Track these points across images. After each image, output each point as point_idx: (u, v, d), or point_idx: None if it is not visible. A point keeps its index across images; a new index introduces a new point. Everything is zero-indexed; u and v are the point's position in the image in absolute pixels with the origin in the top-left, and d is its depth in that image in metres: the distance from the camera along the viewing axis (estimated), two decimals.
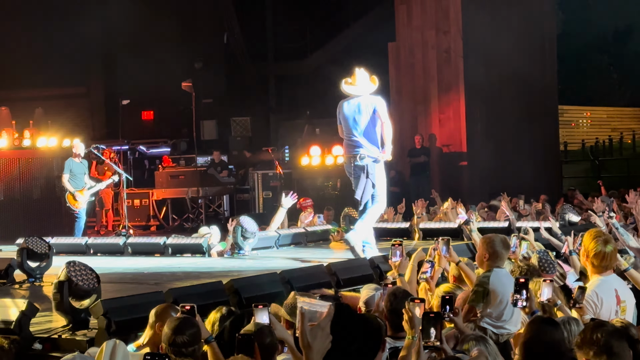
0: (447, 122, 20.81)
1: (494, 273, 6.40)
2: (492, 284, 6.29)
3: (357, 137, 9.94)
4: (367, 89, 10.07)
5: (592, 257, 6.20)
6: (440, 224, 12.33)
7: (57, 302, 6.38)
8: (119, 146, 21.40)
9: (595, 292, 6.09)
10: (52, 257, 9.21)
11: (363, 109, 9.96)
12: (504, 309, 6.24)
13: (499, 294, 6.25)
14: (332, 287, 7.97)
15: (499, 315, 6.25)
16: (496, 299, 6.25)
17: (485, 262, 6.55)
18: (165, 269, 9.97)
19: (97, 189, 14.91)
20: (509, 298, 5.95)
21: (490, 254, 6.52)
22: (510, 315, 6.25)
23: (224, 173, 20.48)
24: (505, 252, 6.63)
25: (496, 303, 6.25)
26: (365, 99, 10.01)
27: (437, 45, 20.93)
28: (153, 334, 5.46)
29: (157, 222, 19.52)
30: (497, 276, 6.37)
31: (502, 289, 6.26)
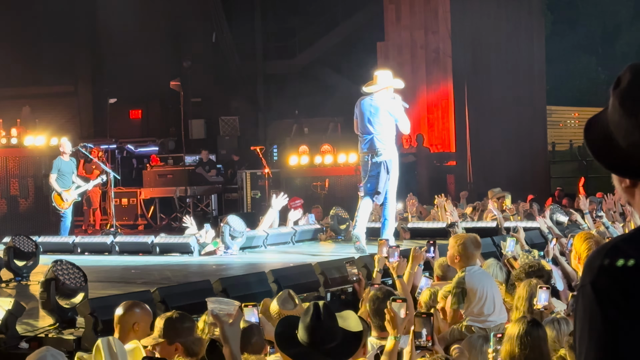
0: (435, 122, 20.84)
1: (468, 272, 6.48)
2: (468, 283, 6.38)
3: (373, 134, 10.06)
4: (385, 86, 10.07)
5: (584, 259, 6.21)
6: (429, 223, 12.33)
7: (43, 301, 6.34)
8: (106, 145, 21.31)
9: None
10: (39, 256, 9.17)
11: (380, 107, 10.06)
12: (484, 304, 6.32)
13: (477, 291, 6.34)
14: (320, 286, 7.97)
15: (480, 312, 6.33)
16: (475, 296, 6.34)
17: (457, 262, 6.67)
18: (153, 268, 9.94)
19: (85, 188, 14.83)
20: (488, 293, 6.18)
21: (460, 255, 6.63)
22: (492, 308, 6.32)
23: (212, 172, 20.44)
24: (476, 251, 6.71)
25: (475, 300, 6.33)
26: (381, 97, 10.10)
27: (425, 45, 20.96)
28: (126, 334, 5.28)
29: (145, 221, 19.45)
30: (471, 274, 6.46)
31: (479, 286, 6.37)
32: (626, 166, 1.80)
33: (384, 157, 10.06)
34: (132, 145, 22.86)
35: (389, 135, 10.06)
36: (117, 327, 5.31)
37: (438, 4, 20.86)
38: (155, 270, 9.70)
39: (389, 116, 10.02)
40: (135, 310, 5.34)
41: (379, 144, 10.06)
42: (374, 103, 10.09)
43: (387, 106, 10.03)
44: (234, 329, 3.87)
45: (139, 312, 5.34)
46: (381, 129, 10.04)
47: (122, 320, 5.30)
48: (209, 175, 20.25)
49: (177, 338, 4.86)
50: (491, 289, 6.43)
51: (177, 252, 11.05)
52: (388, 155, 10.06)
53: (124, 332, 5.25)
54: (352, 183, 18.78)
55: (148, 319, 5.36)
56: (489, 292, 6.37)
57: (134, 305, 5.39)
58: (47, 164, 15.49)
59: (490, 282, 6.56)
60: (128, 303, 5.40)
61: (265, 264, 9.51)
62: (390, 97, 10.12)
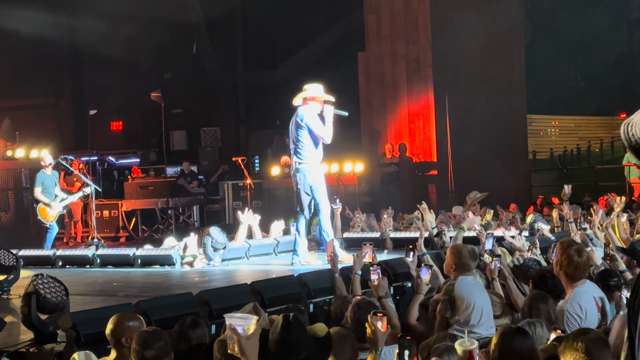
0: (417, 132, 20.88)
1: (459, 280, 6.53)
2: (457, 291, 6.40)
3: (292, 148, 10.25)
4: (305, 97, 10.21)
5: (565, 267, 6.22)
6: (411, 233, 12.31)
7: (24, 316, 6.28)
8: (87, 157, 21.24)
9: (578, 304, 6.11)
10: (19, 269, 9.10)
11: (297, 120, 10.20)
12: (470, 314, 6.34)
13: (465, 300, 6.36)
14: (302, 298, 7.95)
15: (466, 321, 6.33)
16: (462, 304, 6.36)
17: (452, 271, 6.73)
18: (135, 281, 9.88)
19: (69, 201, 14.75)
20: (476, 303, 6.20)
21: (456, 264, 6.68)
22: (478, 319, 6.33)
23: (194, 183, 20.40)
24: (472, 262, 6.73)
25: (462, 308, 6.35)
26: (301, 110, 10.21)
27: (406, 55, 21.02)
28: (119, 348, 5.25)
29: (127, 233, 19.37)
30: (461, 283, 6.50)
31: (467, 295, 6.39)
32: None
33: (300, 171, 10.15)
34: (113, 157, 22.79)
35: (305, 148, 10.09)
36: (111, 342, 5.26)
37: (418, 14, 20.93)
38: (136, 283, 9.65)
39: (304, 128, 10.06)
40: (126, 323, 5.25)
41: (295, 158, 10.18)
42: (294, 117, 10.19)
43: (305, 118, 10.07)
44: (251, 343, 3.91)
45: (129, 325, 5.25)
46: (297, 142, 10.14)
47: (113, 334, 5.23)
48: (190, 187, 20.21)
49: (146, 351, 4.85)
50: (480, 300, 6.42)
51: (159, 264, 11.00)
52: (304, 168, 10.10)
53: (117, 348, 5.19)
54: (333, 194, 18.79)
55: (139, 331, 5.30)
56: (477, 302, 6.37)
57: (124, 318, 5.32)
58: (29, 176, 15.40)
59: (481, 293, 6.57)
60: (117, 317, 5.32)
61: (248, 276, 9.47)
62: (314, 110, 10.16)
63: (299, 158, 10.18)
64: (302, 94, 10.27)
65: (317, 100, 10.21)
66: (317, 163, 10.26)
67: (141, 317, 6.49)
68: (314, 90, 10.29)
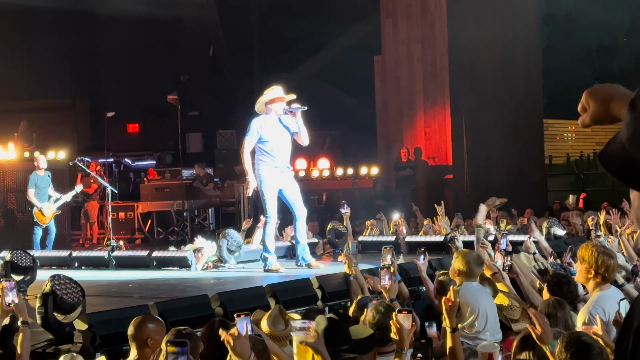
0: (432, 136, 20.86)
1: (464, 286, 6.52)
2: (462, 297, 6.35)
3: (288, 151, 10.44)
4: (261, 104, 10.35)
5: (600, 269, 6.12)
6: (425, 237, 12.32)
7: (41, 316, 6.32)
8: (104, 159, 21.32)
9: (602, 308, 6.04)
10: (36, 270, 9.14)
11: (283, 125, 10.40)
12: (475, 320, 6.33)
13: (470, 306, 6.36)
14: (318, 301, 7.96)
15: (471, 327, 6.32)
16: (467, 311, 6.35)
17: (457, 277, 6.70)
18: (151, 282, 9.91)
19: (63, 201, 14.79)
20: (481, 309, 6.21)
21: (460, 270, 6.64)
22: (483, 325, 6.32)
23: (210, 186, 20.42)
24: (478, 268, 6.71)
25: (467, 315, 6.35)
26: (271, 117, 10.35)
27: (422, 58, 21.00)
28: (142, 348, 5.29)
29: (142, 235, 19.43)
30: (466, 289, 6.49)
31: (472, 301, 6.39)
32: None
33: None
34: (130, 159, 22.86)
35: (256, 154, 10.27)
36: (133, 345, 5.26)
37: (435, 18, 20.91)
38: (152, 285, 9.67)
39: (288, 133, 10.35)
40: (148, 325, 5.27)
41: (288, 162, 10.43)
42: (270, 122, 10.34)
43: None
44: (320, 341, 4.25)
45: (151, 326, 5.27)
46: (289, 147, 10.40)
47: (135, 337, 5.24)
48: (206, 189, 20.24)
49: None
50: (485, 306, 6.40)
51: (175, 266, 11.03)
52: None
53: (140, 349, 5.21)
54: (349, 196, 18.79)
55: (162, 332, 5.32)
56: (482, 308, 6.36)
57: (145, 320, 5.34)
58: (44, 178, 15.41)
59: (486, 299, 6.55)
60: (139, 319, 5.34)
61: (263, 278, 9.49)
62: (277, 112, 10.25)
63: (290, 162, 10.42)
64: (262, 99, 10.30)
65: (277, 101, 10.23)
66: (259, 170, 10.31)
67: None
68: (273, 92, 10.31)
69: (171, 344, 3.98)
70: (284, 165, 10.25)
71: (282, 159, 10.23)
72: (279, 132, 10.21)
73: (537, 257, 8.83)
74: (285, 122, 10.24)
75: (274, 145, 10.15)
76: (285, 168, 10.28)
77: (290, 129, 10.24)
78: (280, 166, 10.20)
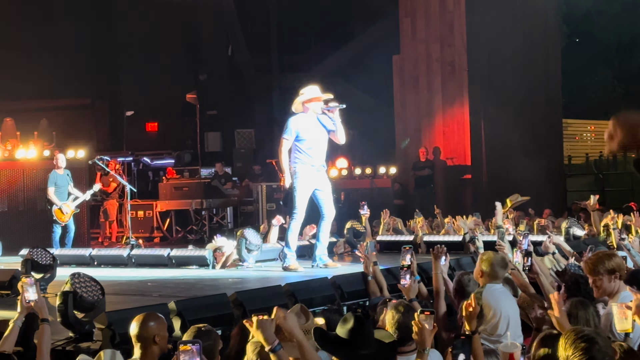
0: (451, 135, 20.82)
1: (487, 288, 6.48)
2: (485, 299, 6.34)
3: (323, 150, 10.53)
4: (298, 104, 10.48)
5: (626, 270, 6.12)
6: (444, 237, 12.31)
7: (61, 314, 6.35)
8: (123, 157, 21.39)
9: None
10: (56, 268, 9.20)
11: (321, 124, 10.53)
12: (497, 323, 6.28)
13: (492, 309, 6.31)
14: (336, 300, 7.97)
15: (493, 330, 6.28)
16: (489, 312, 6.30)
17: (481, 278, 6.67)
18: (170, 281, 9.95)
19: (81, 200, 14.84)
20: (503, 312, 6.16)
21: (484, 272, 6.61)
22: (504, 328, 6.26)
23: (228, 185, 20.45)
24: (502, 270, 6.67)
25: (489, 317, 6.30)
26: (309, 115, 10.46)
27: (441, 58, 20.96)
28: (149, 346, 5.21)
29: (161, 233, 19.48)
30: (489, 291, 6.44)
31: (494, 304, 6.33)
32: None
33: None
34: (148, 158, 22.93)
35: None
36: (138, 345, 5.19)
37: (454, 17, 20.87)
38: (171, 283, 9.71)
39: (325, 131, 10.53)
40: (150, 323, 5.22)
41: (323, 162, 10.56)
42: (307, 121, 10.50)
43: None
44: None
45: (155, 324, 5.23)
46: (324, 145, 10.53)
47: (141, 337, 5.18)
48: (224, 188, 20.28)
49: None
50: (507, 309, 6.36)
51: (194, 265, 11.08)
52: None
53: (147, 348, 5.16)
54: (368, 196, 18.79)
55: (165, 327, 5.32)
56: (504, 311, 6.31)
57: (148, 318, 5.27)
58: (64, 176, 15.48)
59: (509, 302, 6.50)
60: (140, 318, 5.27)
61: (282, 277, 9.50)
62: (315, 112, 10.36)
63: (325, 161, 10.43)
64: (299, 98, 10.34)
65: (315, 100, 10.26)
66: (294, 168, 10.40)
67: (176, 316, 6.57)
68: (310, 92, 10.34)
69: (184, 343, 3.99)
70: (319, 164, 10.32)
71: (319, 158, 10.30)
72: (316, 130, 10.28)
73: (556, 257, 8.81)
74: (322, 121, 10.30)
75: (311, 143, 10.21)
76: (320, 167, 10.35)
77: (327, 127, 10.30)
78: (316, 165, 10.27)
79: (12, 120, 18.68)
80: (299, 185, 10.20)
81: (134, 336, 5.23)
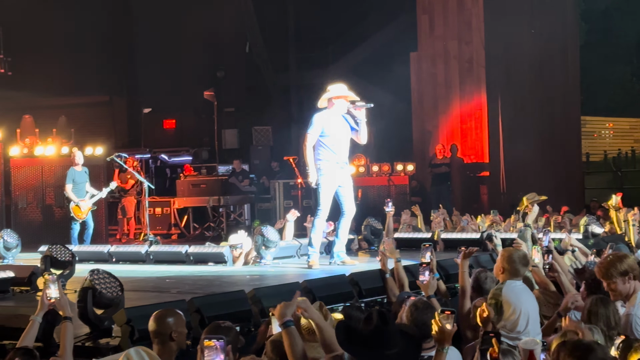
0: (468, 133, 20.77)
1: (507, 285, 6.45)
2: (505, 296, 6.31)
3: (345, 148, 10.62)
4: (324, 101, 10.56)
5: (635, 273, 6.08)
6: (462, 234, 12.29)
7: (80, 310, 6.38)
8: (141, 154, 21.46)
9: None
10: (75, 264, 9.24)
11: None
12: (517, 319, 6.25)
13: (512, 305, 6.27)
14: (354, 297, 7.97)
15: (513, 326, 6.25)
16: (509, 309, 6.27)
17: (501, 274, 6.64)
18: (188, 278, 9.98)
19: (98, 197, 14.89)
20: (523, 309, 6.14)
21: (504, 269, 6.59)
22: (524, 325, 6.24)
23: (245, 182, 20.49)
24: (523, 267, 6.65)
25: (509, 314, 6.27)
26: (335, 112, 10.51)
27: (459, 55, 20.92)
28: (167, 342, 5.22)
29: (179, 230, 19.53)
30: (509, 288, 6.41)
31: (515, 300, 6.30)
32: None
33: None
34: (166, 155, 22.99)
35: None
36: (155, 341, 5.22)
37: (472, 15, 20.81)
38: (189, 280, 9.74)
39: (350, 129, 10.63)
40: (168, 319, 5.24)
41: (346, 158, 10.66)
42: (334, 118, 10.56)
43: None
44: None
45: (172, 320, 5.25)
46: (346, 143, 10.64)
47: (158, 332, 5.21)
48: (242, 185, 20.31)
49: None
50: (527, 306, 6.32)
51: (211, 262, 11.11)
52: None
53: (164, 344, 5.19)
54: (385, 193, 18.77)
55: (183, 323, 5.33)
56: (524, 308, 6.27)
57: (166, 314, 5.30)
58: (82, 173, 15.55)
59: (529, 299, 6.47)
60: (158, 314, 5.29)
61: (299, 274, 9.52)
62: (341, 109, 10.43)
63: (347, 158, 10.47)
64: (326, 95, 10.37)
65: (341, 98, 10.30)
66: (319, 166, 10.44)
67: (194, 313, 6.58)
68: (337, 89, 10.37)
69: (208, 339, 3.99)
70: (343, 161, 10.37)
71: (342, 155, 10.35)
72: (341, 127, 10.32)
73: (576, 254, 8.77)
74: (347, 119, 10.34)
75: (335, 140, 10.26)
76: (344, 164, 10.39)
77: (351, 125, 10.34)
78: (340, 162, 10.32)
79: (31, 117, 18.77)
80: (323, 182, 10.24)
81: (151, 332, 5.26)
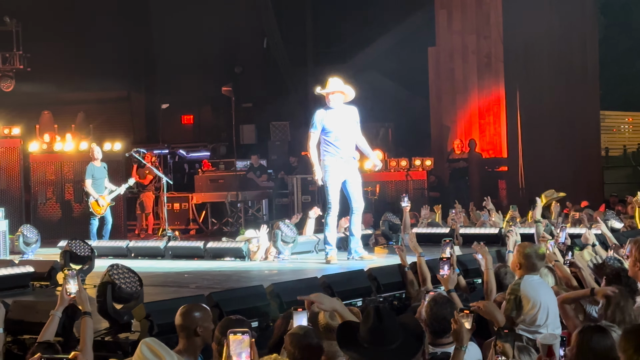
0: (487, 128, 20.72)
1: (525, 279, 6.45)
2: (523, 290, 6.33)
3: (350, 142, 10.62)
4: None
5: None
6: (480, 229, 12.26)
7: (100, 305, 6.41)
8: (159, 150, 21.52)
9: None
10: (94, 260, 9.29)
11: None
12: (536, 314, 6.26)
13: (531, 299, 6.29)
14: (372, 292, 7.97)
15: (532, 321, 6.26)
16: (528, 304, 6.28)
17: (518, 270, 6.64)
18: (206, 273, 10.01)
19: (117, 193, 14.91)
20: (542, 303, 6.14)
21: (521, 264, 6.59)
22: (544, 319, 6.25)
23: (263, 177, 20.51)
24: (539, 262, 6.65)
25: (528, 308, 6.28)
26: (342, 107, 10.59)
27: (477, 50, 20.85)
28: (191, 337, 5.25)
29: (197, 226, 19.59)
30: (527, 282, 6.42)
31: (533, 294, 6.31)
32: None
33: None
34: (184, 151, 23.05)
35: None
36: (181, 335, 5.25)
37: (490, 9, 20.74)
38: (207, 275, 9.77)
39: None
40: (194, 314, 5.25)
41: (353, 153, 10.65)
42: (341, 113, 10.61)
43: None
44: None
45: (198, 315, 5.26)
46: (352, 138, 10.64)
47: (183, 327, 5.23)
48: (259, 181, 20.33)
49: None
50: (546, 300, 6.32)
51: (230, 257, 11.13)
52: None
53: (188, 339, 5.20)
54: (403, 189, 18.74)
55: (210, 319, 5.33)
56: (543, 302, 6.27)
57: (192, 309, 5.32)
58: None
59: (547, 292, 6.46)
60: (184, 309, 5.32)
61: (318, 269, 9.52)
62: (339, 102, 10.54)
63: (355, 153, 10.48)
64: (323, 91, 10.47)
65: (337, 93, 10.46)
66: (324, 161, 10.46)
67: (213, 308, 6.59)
68: (333, 84, 10.60)
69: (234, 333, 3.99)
70: (349, 155, 10.32)
71: (347, 149, 10.30)
72: (342, 122, 10.29)
73: (597, 249, 8.73)
74: (349, 113, 10.35)
75: (338, 135, 10.24)
76: (350, 158, 10.35)
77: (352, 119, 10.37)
78: (345, 157, 10.28)
79: (50, 113, 18.88)
80: (329, 179, 10.23)
81: (177, 326, 5.29)
